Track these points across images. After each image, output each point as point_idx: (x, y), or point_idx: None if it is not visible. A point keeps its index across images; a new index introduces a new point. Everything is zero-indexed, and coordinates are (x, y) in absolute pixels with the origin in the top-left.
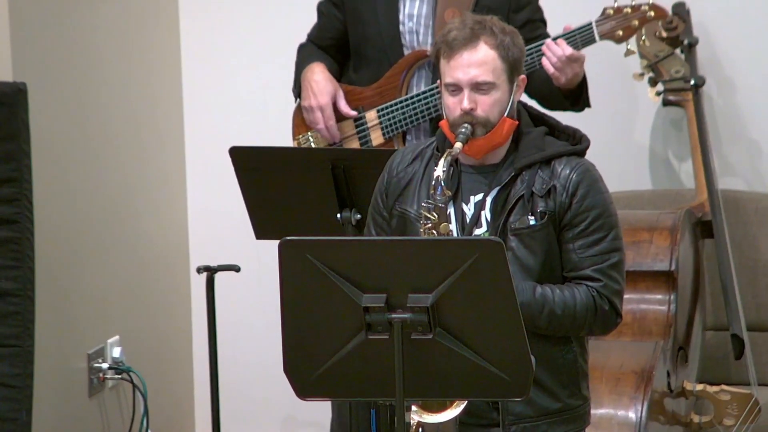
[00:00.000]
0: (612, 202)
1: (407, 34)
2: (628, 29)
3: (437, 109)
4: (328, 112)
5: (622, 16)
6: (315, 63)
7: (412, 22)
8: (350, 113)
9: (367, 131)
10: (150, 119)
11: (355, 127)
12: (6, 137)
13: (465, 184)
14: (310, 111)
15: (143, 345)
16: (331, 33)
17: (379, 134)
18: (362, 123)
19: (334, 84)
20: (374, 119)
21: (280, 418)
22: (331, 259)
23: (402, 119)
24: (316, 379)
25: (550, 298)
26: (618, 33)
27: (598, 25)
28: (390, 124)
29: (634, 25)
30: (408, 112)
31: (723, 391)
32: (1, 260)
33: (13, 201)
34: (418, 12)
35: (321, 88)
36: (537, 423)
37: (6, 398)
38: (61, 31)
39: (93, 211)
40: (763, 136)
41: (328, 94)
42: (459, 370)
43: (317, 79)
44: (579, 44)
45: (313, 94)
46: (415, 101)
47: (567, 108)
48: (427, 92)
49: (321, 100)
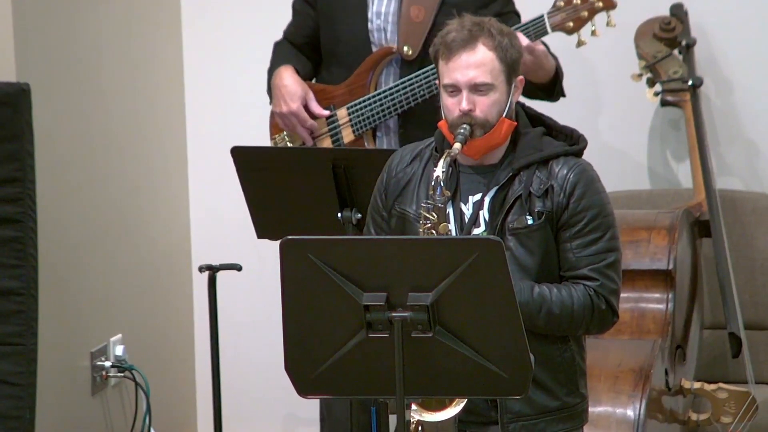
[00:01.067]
0: (609, 202)
1: (375, 32)
2: (579, 20)
3: (403, 105)
4: (301, 116)
5: (572, 8)
6: (283, 67)
7: (379, 20)
8: (322, 113)
9: (339, 129)
10: (152, 119)
11: (327, 126)
12: (9, 137)
13: (463, 185)
14: (282, 117)
15: (146, 343)
16: (305, 31)
17: (350, 131)
18: (334, 121)
19: (303, 86)
20: (345, 117)
21: (281, 415)
22: (331, 258)
23: (370, 116)
24: (317, 377)
25: (548, 297)
26: (569, 24)
27: (549, 17)
28: (359, 121)
29: (584, 16)
30: (376, 108)
31: (720, 389)
32: (5, 259)
33: (16, 200)
34: (385, 10)
35: (291, 93)
36: (535, 421)
37: (9, 396)
38: (64, 32)
39: (96, 210)
40: (760, 136)
41: (299, 99)
42: (458, 368)
43: (286, 84)
44: (532, 36)
45: (284, 100)
46: (383, 97)
47: (541, 98)
48: (393, 88)
49: (292, 106)
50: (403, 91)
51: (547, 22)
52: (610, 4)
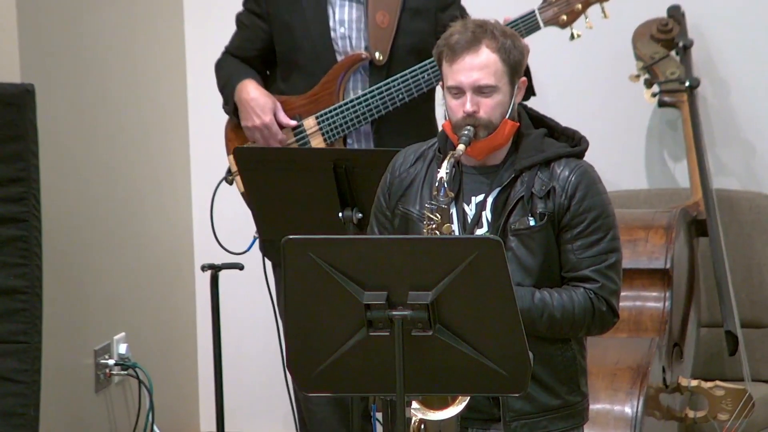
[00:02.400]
0: (610, 203)
1: (339, 40)
2: (572, 13)
3: (380, 110)
4: (274, 129)
5: (564, 1)
6: (246, 80)
7: (344, 28)
8: (290, 123)
9: (306, 138)
10: (155, 120)
11: (294, 136)
12: (14, 138)
13: (466, 185)
14: (255, 131)
15: (149, 341)
16: (255, 44)
17: (320, 140)
18: (301, 131)
19: (271, 98)
20: (313, 126)
21: (283, 412)
22: (333, 257)
23: (342, 123)
24: (318, 374)
25: (549, 302)
26: (562, 18)
27: (541, 12)
28: (331, 129)
29: (578, 9)
30: (349, 115)
31: (717, 386)
32: (10, 258)
33: (21, 200)
34: (348, 17)
35: (261, 105)
36: (537, 419)
37: (14, 394)
38: (68, 33)
39: (99, 210)
40: (756, 136)
41: (270, 110)
42: (458, 365)
43: (253, 97)
44: (523, 33)
45: (255, 114)
46: (356, 104)
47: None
48: (368, 95)
49: (265, 119)
50: (380, 97)
51: (539, 17)
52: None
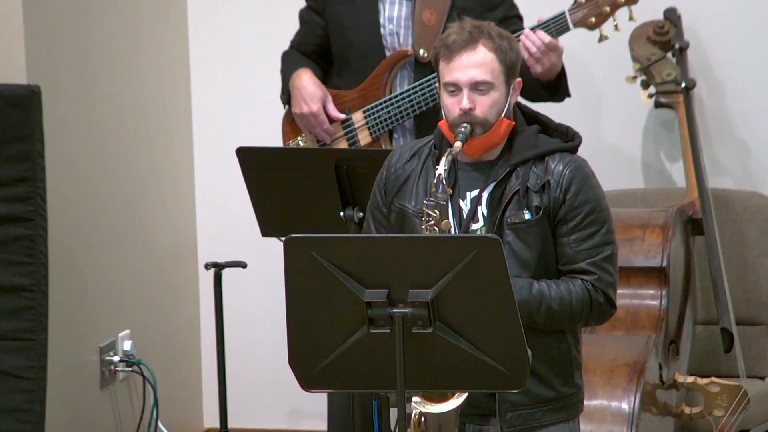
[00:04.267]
0: (604, 197)
1: (388, 37)
2: (600, 16)
3: (421, 106)
4: (321, 118)
5: (594, 3)
6: (302, 69)
7: (392, 25)
8: (339, 116)
9: (355, 132)
10: (159, 120)
11: (343, 129)
12: (20, 138)
13: (462, 181)
14: (302, 118)
15: (153, 338)
16: (313, 40)
17: (367, 134)
18: (350, 125)
19: (322, 89)
20: (361, 120)
21: (285, 409)
22: (334, 255)
23: (387, 118)
24: (320, 371)
25: (546, 294)
26: (591, 20)
27: (571, 13)
28: (376, 123)
29: (606, 12)
30: (393, 110)
31: (713, 383)
32: (16, 256)
33: (27, 199)
34: (398, 14)
35: (311, 94)
36: (532, 411)
37: (20, 390)
38: (73, 35)
39: (104, 209)
40: (751, 136)
41: (319, 100)
42: (458, 362)
43: (305, 86)
44: (554, 33)
45: (304, 101)
46: (399, 100)
47: (546, 99)
48: (410, 90)
49: (312, 107)
50: (421, 93)
51: (568, 18)
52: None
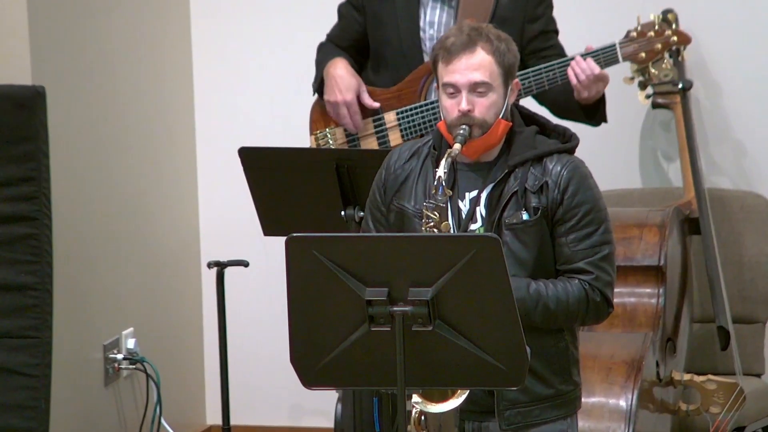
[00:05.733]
0: (601, 197)
1: (428, 41)
2: (651, 52)
3: None
4: (354, 108)
5: (646, 40)
6: (338, 58)
7: (432, 30)
8: (374, 105)
9: (386, 131)
10: (163, 121)
11: (374, 127)
12: (25, 138)
13: (460, 182)
14: (335, 106)
15: (156, 336)
16: (350, 35)
17: (398, 135)
18: (381, 123)
19: (357, 79)
20: (393, 121)
21: (286, 406)
22: (335, 254)
23: (421, 123)
24: (321, 369)
25: (544, 293)
26: (641, 55)
27: (621, 47)
28: (409, 126)
29: (657, 49)
30: (428, 116)
31: (709, 380)
32: (21, 255)
33: (32, 199)
34: (438, 20)
35: (346, 83)
36: (530, 408)
37: (25, 387)
38: (77, 37)
39: (108, 208)
40: (747, 136)
41: (353, 90)
42: (457, 360)
43: (341, 74)
44: (602, 63)
45: (339, 89)
46: (435, 107)
47: (582, 120)
48: None
49: (347, 96)
50: None
51: (619, 51)
52: (686, 39)
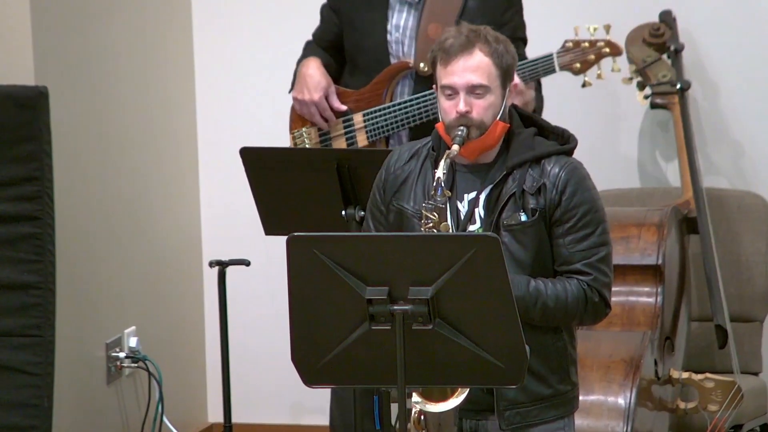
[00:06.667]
0: (599, 198)
1: (393, 44)
2: (585, 63)
3: (419, 118)
4: (322, 106)
5: (581, 50)
6: (312, 57)
7: (398, 33)
8: (341, 107)
9: (354, 132)
10: (164, 121)
11: (343, 128)
12: (28, 138)
13: (459, 183)
14: (302, 104)
15: (158, 335)
16: (329, 35)
17: (364, 137)
18: (350, 124)
19: (327, 79)
20: (360, 122)
21: (288, 404)
22: (336, 253)
23: (385, 124)
24: (322, 367)
25: (543, 291)
26: (576, 65)
27: (558, 56)
28: (374, 128)
29: (591, 60)
30: (391, 118)
31: (707, 378)
32: (24, 254)
33: (35, 198)
34: (404, 24)
35: (315, 82)
36: (529, 408)
37: (28, 385)
38: (80, 38)
39: (111, 208)
40: (745, 136)
41: (321, 89)
42: (457, 358)
43: (311, 74)
44: (540, 73)
45: (307, 88)
46: (399, 109)
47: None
48: (408, 102)
49: (314, 95)
50: (417, 106)
51: (555, 61)
52: (617, 50)
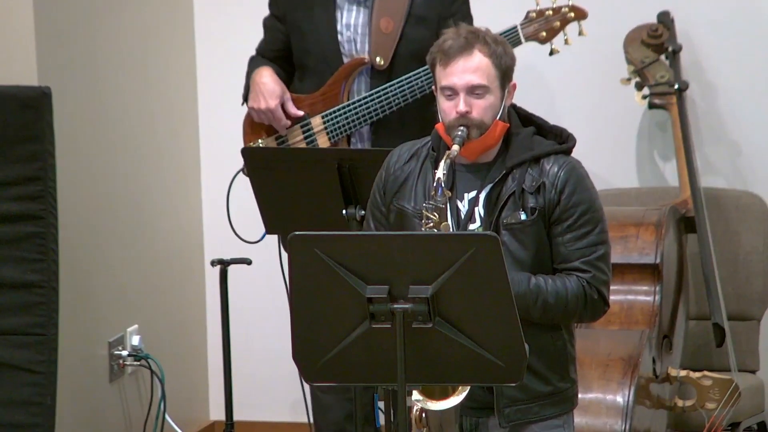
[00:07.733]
0: (598, 197)
1: (346, 43)
2: (551, 30)
3: (378, 113)
4: (278, 114)
5: (544, 19)
6: (264, 67)
7: (350, 32)
8: (297, 113)
9: (314, 136)
10: (167, 121)
11: (302, 133)
12: (32, 138)
13: (459, 182)
14: (259, 113)
15: (161, 333)
16: (276, 45)
17: (326, 139)
18: (308, 128)
19: (281, 87)
20: (320, 125)
21: (288, 402)
22: (337, 252)
23: (345, 124)
24: (323, 365)
25: (543, 288)
26: (542, 34)
27: (522, 27)
28: (335, 128)
29: (556, 27)
30: (351, 117)
31: (705, 376)
32: (27, 253)
33: (38, 198)
34: (354, 22)
35: (269, 90)
36: (529, 405)
37: (32, 383)
38: (82, 38)
39: (113, 207)
40: (742, 136)
41: (277, 96)
42: (457, 357)
43: (265, 82)
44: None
45: (262, 96)
46: (356, 106)
47: None
48: (367, 98)
49: (270, 103)
50: (378, 100)
51: (520, 32)
52: (582, 14)
